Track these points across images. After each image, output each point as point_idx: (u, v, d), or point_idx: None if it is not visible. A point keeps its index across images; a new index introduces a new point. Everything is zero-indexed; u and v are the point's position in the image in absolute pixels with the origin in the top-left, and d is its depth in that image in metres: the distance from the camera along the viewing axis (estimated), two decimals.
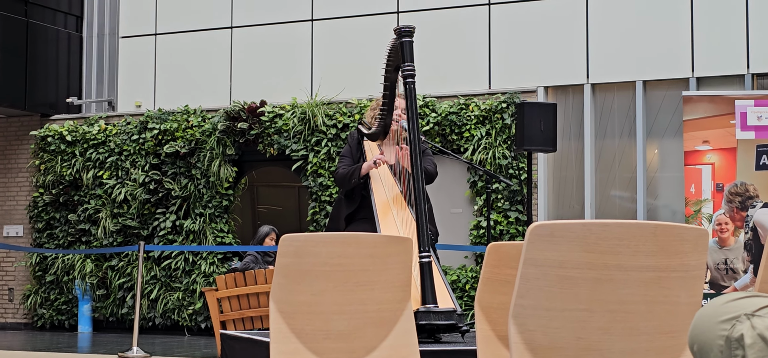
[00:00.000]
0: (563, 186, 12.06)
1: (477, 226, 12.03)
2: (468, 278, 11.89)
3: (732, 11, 11.49)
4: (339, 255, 3.50)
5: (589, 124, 11.90)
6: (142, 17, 14.42)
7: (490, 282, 3.62)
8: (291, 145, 12.85)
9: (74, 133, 14.00)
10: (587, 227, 2.43)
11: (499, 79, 12.43)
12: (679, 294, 2.54)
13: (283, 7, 13.61)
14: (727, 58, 11.44)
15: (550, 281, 2.42)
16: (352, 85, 12.87)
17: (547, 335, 2.43)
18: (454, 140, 12.19)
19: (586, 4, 12.10)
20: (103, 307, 13.65)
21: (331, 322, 3.51)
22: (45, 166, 14.12)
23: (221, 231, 13.21)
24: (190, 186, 13.23)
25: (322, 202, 12.64)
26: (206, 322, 12.94)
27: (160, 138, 13.47)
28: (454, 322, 5.62)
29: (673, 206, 11.52)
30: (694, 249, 2.55)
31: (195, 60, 14.03)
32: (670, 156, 11.64)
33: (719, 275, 9.75)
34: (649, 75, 11.75)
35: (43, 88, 14.51)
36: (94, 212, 13.73)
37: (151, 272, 13.30)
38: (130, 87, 14.44)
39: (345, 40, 13.24)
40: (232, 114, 13.10)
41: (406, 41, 5.97)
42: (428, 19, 12.64)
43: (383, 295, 3.59)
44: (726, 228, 9.81)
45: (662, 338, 2.53)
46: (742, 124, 9.91)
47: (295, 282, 3.47)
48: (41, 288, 14.07)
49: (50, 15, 14.69)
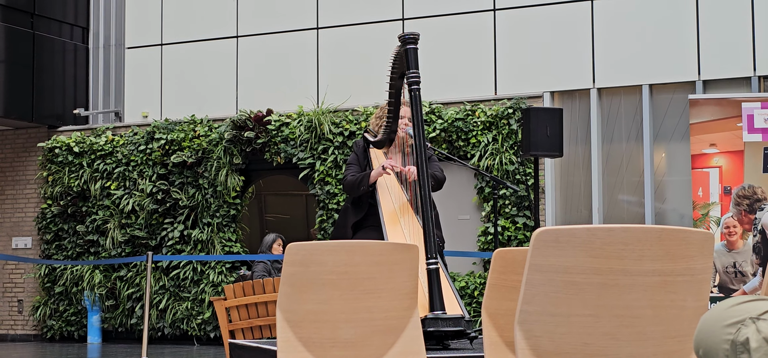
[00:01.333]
0: (571, 191, 12.05)
1: (485, 232, 12.02)
2: (476, 284, 11.88)
3: (738, 13, 11.47)
4: (345, 263, 3.49)
5: (595, 129, 11.89)
6: (148, 28, 14.45)
7: (497, 288, 3.61)
8: (298, 154, 12.85)
9: (81, 144, 14.02)
10: (592, 232, 2.43)
11: (505, 85, 12.43)
12: (686, 298, 2.53)
13: (288, 15, 13.62)
14: (734, 61, 11.43)
15: (556, 287, 2.42)
16: (358, 93, 12.88)
17: (554, 340, 2.43)
18: (461, 146, 12.19)
19: (592, 8, 12.10)
20: (112, 318, 13.66)
21: (338, 330, 3.51)
22: (53, 178, 14.14)
23: (229, 240, 13.22)
24: (198, 196, 13.24)
25: (330, 209, 12.64)
26: (215, 331, 12.94)
27: (167, 148, 13.49)
28: (463, 328, 5.61)
29: (680, 209, 11.50)
30: (700, 253, 2.55)
31: (201, 70, 14.05)
32: (678, 159, 11.62)
33: (728, 278, 9.73)
34: (656, 79, 11.73)
35: (50, 100, 14.54)
36: (102, 222, 13.75)
37: (160, 282, 13.31)
38: (137, 97, 14.47)
39: (350, 48, 13.25)
40: (239, 123, 13.12)
41: (410, 48, 5.97)
42: (434, 26, 12.64)
43: (390, 303, 3.59)
44: (734, 231, 9.79)
45: (669, 342, 2.53)
46: (749, 127, 9.89)
47: (301, 291, 3.47)
48: (50, 299, 14.09)
49: (56, 27, 14.73)
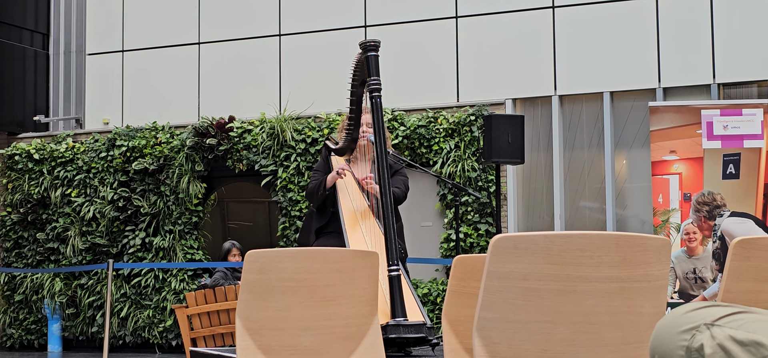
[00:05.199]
0: (533, 198, 12.09)
1: (447, 239, 12.04)
2: (439, 291, 11.89)
3: (697, 22, 11.57)
4: (305, 271, 3.49)
5: (557, 136, 11.94)
6: (109, 34, 14.36)
7: (457, 295, 3.62)
8: (260, 161, 12.81)
9: (42, 151, 13.91)
10: (550, 238, 2.43)
11: (467, 92, 12.46)
12: (643, 305, 2.55)
13: (250, 22, 13.59)
14: (693, 69, 11.52)
15: (514, 294, 2.42)
16: (321, 100, 12.86)
17: (512, 347, 2.43)
18: (423, 153, 12.20)
19: (553, 16, 12.16)
20: (73, 326, 13.55)
21: (298, 338, 3.50)
22: (12, 185, 14.01)
23: (191, 248, 13.15)
24: (159, 203, 13.17)
25: (292, 217, 12.61)
26: (177, 339, 12.87)
27: (128, 155, 13.41)
28: (424, 335, 5.62)
29: (641, 216, 11.57)
30: (657, 259, 2.56)
31: (163, 76, 13.98)
32: (638, 166, 11.69)
33: (688, 284, 9.80)
34: (617, 86, 11.80)
35: (10, 107, 14.41)
36: (62, 230, 13.64)
37: (121, 290, 13.22)
38: (98, 104, 14.37)
39: (313, 55, 13.23)
40: (201, 130, 13.06)
41: (371, 55, 5.97)
42: (396, 34, 12.65)
43: (350, 310, 3.59)
44: (694, 237, 9.86)
45: (626, 348, 2.54)
46: (708, 134, 9.97)
47: (261, 298, 3.45)
48: (10, 308, 13.95)
49: (16, 33, 14.60)
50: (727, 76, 11.39)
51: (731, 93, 11.43)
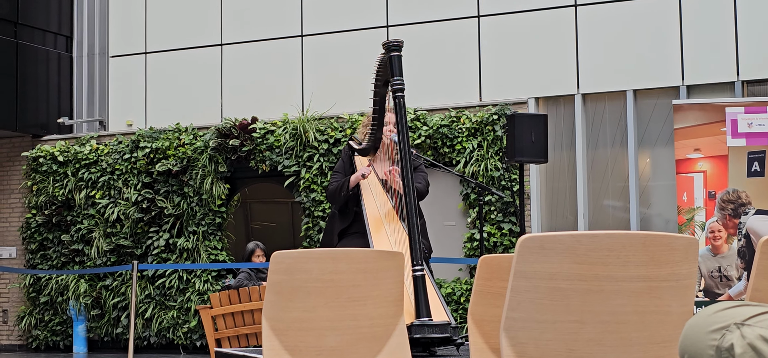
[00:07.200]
0: (556, 197, 12.06)
1: (470, 238, 12.02)
2: (463, 290, 11.88)
3: (721, 19, 11.51)
4: (330, 271, 3.49)
5: (580, 135, 11.91)
6: (132, 36, 14.42)
7: (483, 295, 3.61)
8: (283, 161, 12.83)
9: (66, 153, 13.97)
10: (577, 238, 2.43)
11: (489, 91, 12.44)
12: (671, 303, 2.53)
13: (273, 23, 13.61)
14: (717, 66, 11.46)
15: (541, 293, 2.42)
16: (343, 100, 12.87)
17: (539, 347, 2.42)
18: (446, 153, 12.19)
19: (575, 14, 12.12)
20: (98, 327, 13.61)
21: (324, 338, 3.50)
22: (37, 187, 14.08)
23: (215, 248, 13.19)
24: (183, 204, 13.21)
25: (315, 217, 12.62)
26: (201, 340, 12.90)
27: (151, 156, 13.46)
28: (449, 335, 5.61)
29: (665, 214, 11.52)
30: (685, 258, 2.55)
31: (186, 78, 14.03)
32: (662, 164, 11.64)
33: (713, 282, 9.75)
34: (640, 84, 11.76)
35: (34, 109, 14.49)
36: (87, 231, 13.70)
37: (146, 291, 13.27)
38: (121, 106, 14.43)
39: (335, 56, 13.24)
40: (224, 131, 13.09)
41: (394, 55, 5.97)
42: (418, 33, 12.65)
43: (376, 310, 3.58)
44: (719, 236, 9.81)
45: (654, 348, 2.53)
46: (733, 132, 9.92)
47: (286, 299, 3.46)
48: (35, 309, 14.02)
49: (40, 36, 14.68)
50: (751, 74, 11.33)
51: (755, 90, 11.37)
